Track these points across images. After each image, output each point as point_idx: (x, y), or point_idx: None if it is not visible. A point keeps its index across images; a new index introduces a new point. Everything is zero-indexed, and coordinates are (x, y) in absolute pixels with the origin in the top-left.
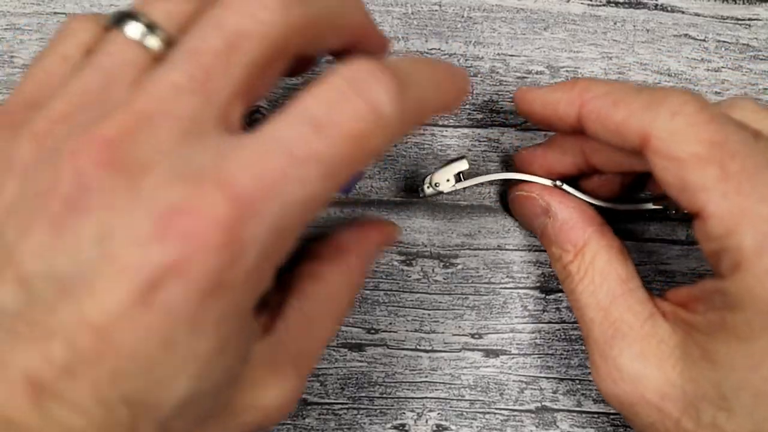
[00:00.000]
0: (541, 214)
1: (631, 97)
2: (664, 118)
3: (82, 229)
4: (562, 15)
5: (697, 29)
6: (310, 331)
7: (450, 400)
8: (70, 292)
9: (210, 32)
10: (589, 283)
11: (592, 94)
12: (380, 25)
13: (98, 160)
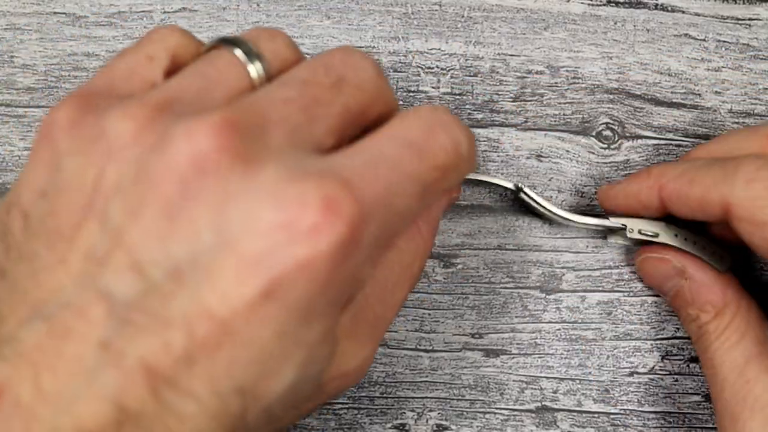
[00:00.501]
0: (675, 275)
1: (704, 173)
2: (741, 186)
3: (198, 215)
4: (563, 15)
5: (697, 29)
6: (384, 298)
7: (450, 400)
8: (187, 281)
9: (319, 70)
10: (726, 341)
11: (667, 178)
12: (380, 25)
13: (216, 143)
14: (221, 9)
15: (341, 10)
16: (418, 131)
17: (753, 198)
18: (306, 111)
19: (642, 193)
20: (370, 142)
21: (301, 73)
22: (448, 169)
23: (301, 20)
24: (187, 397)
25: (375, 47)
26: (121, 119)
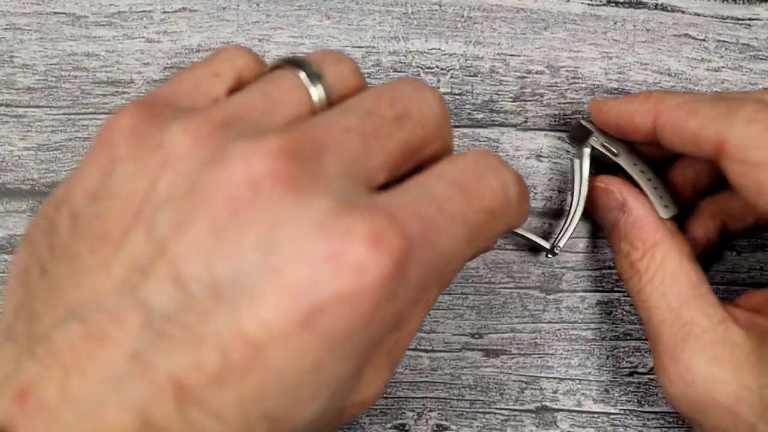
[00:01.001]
0: (616, 208)
1: (706, 107)
2: (739, 125)
3: (246, 236)
4: (562, 15)
5: (697, 29)
6: (402, 326)
7: (450, 400)
8: (227, 301)
9: (384, 101)
10: (659, 284)
11: (666, 105)
12: (380, 25)
13: (272, 167)
14: (221, 9)
15: (341, 10)
16: (467, 172)
17: (749, 137)
18: (365, 142)
19: (637, 115)
20: (419, 180)
21: (365, 102)
22: (496, 212)
23: (301, 20)
24: (214, 418)
25: (375, 47)
26: (181, 133)
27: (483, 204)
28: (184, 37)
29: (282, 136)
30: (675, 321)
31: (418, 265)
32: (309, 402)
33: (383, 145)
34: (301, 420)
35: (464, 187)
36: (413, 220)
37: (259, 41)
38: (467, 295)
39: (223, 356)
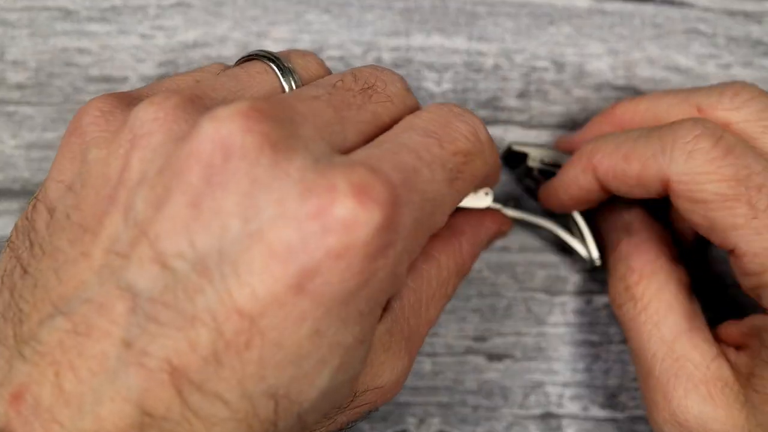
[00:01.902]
0: (621, 228)
1: (641, 146)
2: (680, 159)
3: (225, 203)
4: (568, 10)
5: (706, 24)
6: (420, 311)
7: (453, 405)
8: (214, 275)
9: (348, 77)
10: (654, 313)
11: (600, 155)
12: (381, 20)
13: (243, 126)
14: (217, 4)
15: (341, 5)
16: (435, 121)
17: (693, 172)
18: (336, 111)
19: (580, 179)
20: (390, 135)
21: (329, 79)
22: (471, 153)
23: (300, 15)
24: (215, 400)
25: (375, 43)
26: (148, 107)
27: (457, 146)
28: (179, 33)
29: (253, 100)
30: (668, 355)
31: (406, 212)
32: (314, 373)
33: (354, 116)
34: (307, 396)
35: (435, 134)
36: (394, 169)
37: (257, 37)
38: (470, 297)
39: (217, 333)
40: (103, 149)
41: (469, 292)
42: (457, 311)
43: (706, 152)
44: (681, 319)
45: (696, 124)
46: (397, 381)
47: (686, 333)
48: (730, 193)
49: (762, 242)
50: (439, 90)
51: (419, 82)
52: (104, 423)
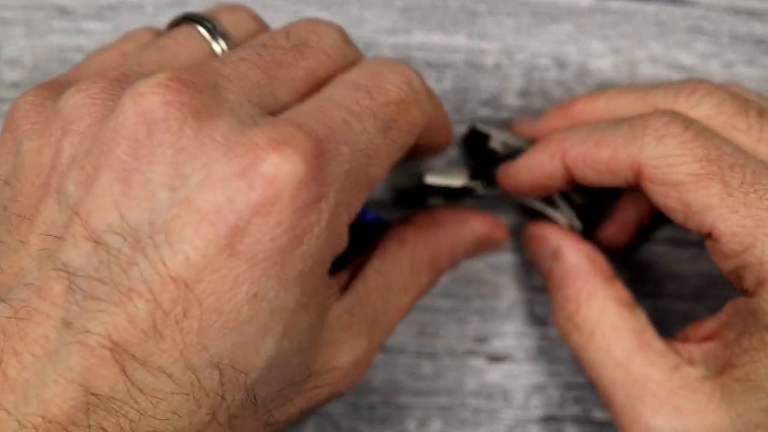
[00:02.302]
0: (550, 256)
1: (611, 133)
2: (651, 144)
3: (153, 174)
4: (570, 8)
5: (709, 22)
6: (387, 296)
7: (453, 408)
8: (147, 246)
9: (279, 34)
10: (601, 340)
11: (570, 142)
12: (380, 18)
13: (165, 98)
14: (214, 1)
15: (340, 3)
16: (365, 74)
17: (665, 155)
18: (265, 71)
19: (545, 165)
20: (319, 92)
21: (260, 38)
22: (405, 102)
23: (298, 13)
24: (159, 374)
25: (375, 41)
26: (75, 94)
27: (388, 96)
28: None
29: (174, 70)
30: (626, 378)
31: (335, 164)
32: (257, 341)
33: (285, 74)
34: (253, 365)
35: (365, 86)
36: (320, 123)
37: None
38: (471, 298)
39: (155, 304)
40: (35, 140)
41: (470, 293)
42: (457, 312)
43: (677, 136)
44: (630, 339)
45: (665, 113)
46: (357, 363)
47: (639, 351)
48: (703, 173)
49: (739, 220)
50: (439, 88)
51: None
52: (49, 406)
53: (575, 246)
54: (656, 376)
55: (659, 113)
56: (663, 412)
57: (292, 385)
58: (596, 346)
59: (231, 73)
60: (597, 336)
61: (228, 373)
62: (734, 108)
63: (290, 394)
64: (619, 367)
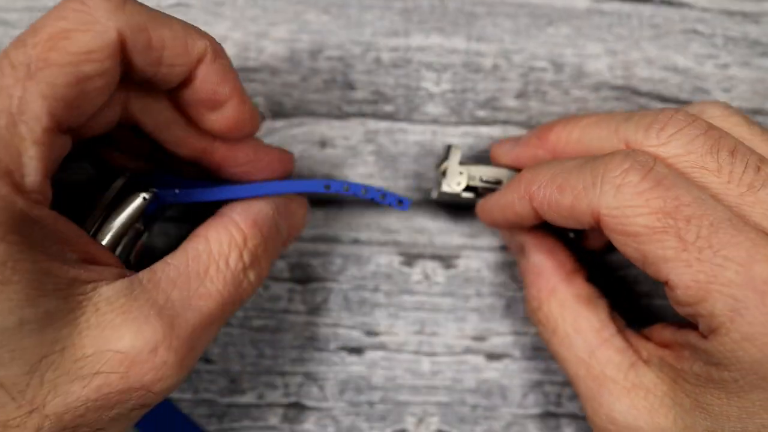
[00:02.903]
0: (518, 250)
1: (572, 178)
2: (609, 193)
3: None
4: (567, 10)
5: (704, 24)
6: (185, 284)
7: (452, 405)
8: None
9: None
10: (564, 337)
11: (536, 185)
12: (380, 21)
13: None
14: (217, 4)
15: (340, 5)
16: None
17: (622, 206)
18: None
19: (516, 205)
20: None
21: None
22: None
23: (299, 15)
24: None
25: (374, 43)
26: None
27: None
28: None
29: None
30: (587, 373)
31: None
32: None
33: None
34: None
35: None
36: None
37: (256, 37)
38: (469, 297)
39: None
40: None
41: (468, 292)
42: (456, 311)
43: (635, 186)
44: (590, 336)
45: (626, 158)
46: (147, 349)
47: (598, 348)
48: (658, 226)
49: (692, 275)
50: (437, 90)
51: (418, 82)
52: None
53: (537, 243)
54: (613, 374)
55: (621, 157)
56: (620, 406)
57: (48, 365)
58: (559, 342)
59: None
60: (559, 332)
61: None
62: (705, 147)
63: (55, 378)
64: (581, 363)
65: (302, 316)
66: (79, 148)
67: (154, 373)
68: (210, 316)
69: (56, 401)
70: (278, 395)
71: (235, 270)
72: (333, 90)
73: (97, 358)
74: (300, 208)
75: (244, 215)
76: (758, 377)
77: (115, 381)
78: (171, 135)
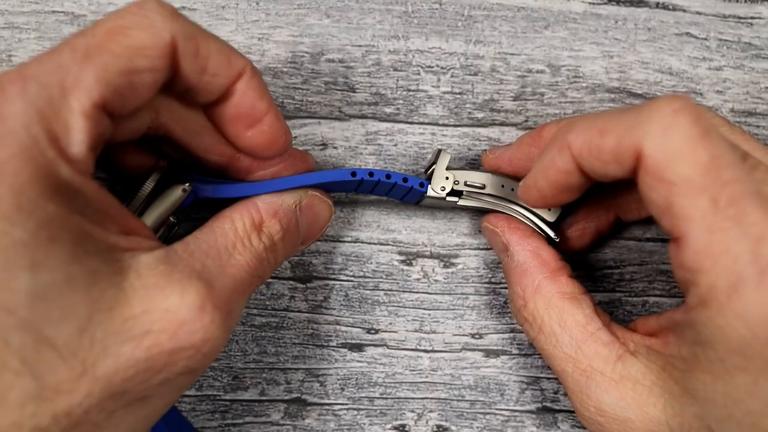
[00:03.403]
0: (503, 250)
1: (615, 120)
2: (656, 134)
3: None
4: (563, 13)
5: (698, 28)
6: (219, 256)
7: (450, 401)
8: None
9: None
10: (550, 333)
11: (575, 133)
12: (380, 24)
13: None
14: (220, 7)
15: (341, 9)
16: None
17: (667, 149)
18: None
19: (557, 160)
20: None
21: None
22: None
23: (301, 19)
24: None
25: (374, 46)
26: None
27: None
28: None
29: None
30: (575, 368)
31: (7, 90)
32: (8, 278)
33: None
34: (14, 301)
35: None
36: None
37: (259, 40)
38: (467, 295)
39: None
40: None
41: (467, 291)
42: (454, 309)
43: (685, 129)
44: (576, 331)
45: (676, 99)
46: (195, 307)
47: (584, 342)
48: (697, 181)
49: (709, 240)
50: (437, 92)
51: (418, 84)
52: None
53: (522, 242)
54: (600, 367)
55: (669, 97)
56: (608, 398)
57: (97, 325)
58: (545, 339)
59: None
60: (545, 329)
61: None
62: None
63: (105, 338)
64: (568, 359)
65: (304, 314)
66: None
67: (203, 331)
68: (242, 283)
69: (107, 362)
70: (280, 391)
71: (258, 248)
72: (334, 92)
73: (147, 318)
74: (325, 210)
75: (267, 204)
76: (744, 359)
77: (165, 340)
78: (202, 142)
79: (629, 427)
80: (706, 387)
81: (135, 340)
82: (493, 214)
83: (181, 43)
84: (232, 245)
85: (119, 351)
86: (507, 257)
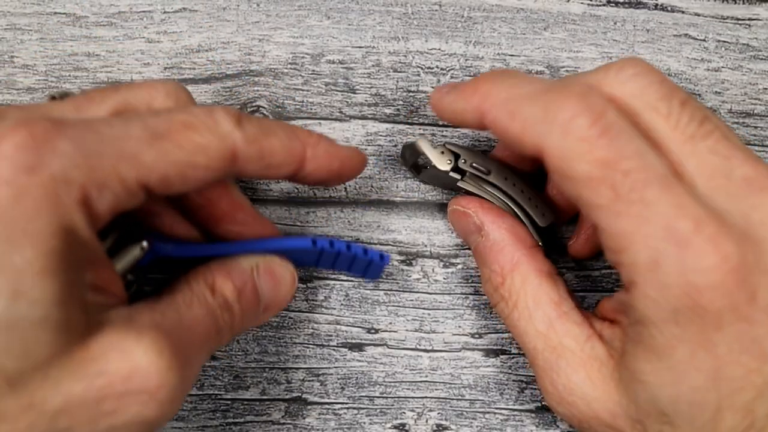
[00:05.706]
0: (475, 231)
1: (526, 108)
2: (556, 135)
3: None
4: (562, 15)
5: (697, 29)
6: (173, 313)
7: (450, 400)
8: None
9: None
10: (524, 309)
11: (490, 104)
12: (380, 25)
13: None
14: (221, 9)
15: (341, 10)
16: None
17: (565, 149)
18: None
19: (467, 114)
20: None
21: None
22: (186, 123)
23: (301, 20)
24: None
25: (375, 47)
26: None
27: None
28: (184, 38)
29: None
30: (546, 345)
31: (62, 142)
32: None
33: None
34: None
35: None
36: (40, 122)
37: (259, 41)
38: (467, 294)
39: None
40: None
41: (466, 290)
42: (454, 308)
43: (582, 131)
44: (549, 309)
45: (580, 100)
46: (152, 353)
47: (557, 320)
48: (595, 174)
49: (620, 224)
50: None
51: (417, 86)
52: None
53: (496, 221)
54: (571, 346)
55: (574, 99)
56: (576, 377)
57: (52, 362)
58: (519, 315)
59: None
60: (520, 306)
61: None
62: (660, 93)
63: (58, 376)
64: (540, 336)
65: (304, 314)
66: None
67: (159, 377)
68: (199, 336)
69: (56, 399)
70: (281, 390)
71: (213, 305)
72: (334, 93)
73: (102, 360)
74: (286, 274)
75: (219, 265)
76: (680, 329)
77: (117, 382)
78: (163, 224)
79: (594, 406)
80: (651, 367)
81: (87, 379)
82: (463, 196)
83: (244, 149)
84: (189, 303)
85: (70, 389)
86: (480, 237)
